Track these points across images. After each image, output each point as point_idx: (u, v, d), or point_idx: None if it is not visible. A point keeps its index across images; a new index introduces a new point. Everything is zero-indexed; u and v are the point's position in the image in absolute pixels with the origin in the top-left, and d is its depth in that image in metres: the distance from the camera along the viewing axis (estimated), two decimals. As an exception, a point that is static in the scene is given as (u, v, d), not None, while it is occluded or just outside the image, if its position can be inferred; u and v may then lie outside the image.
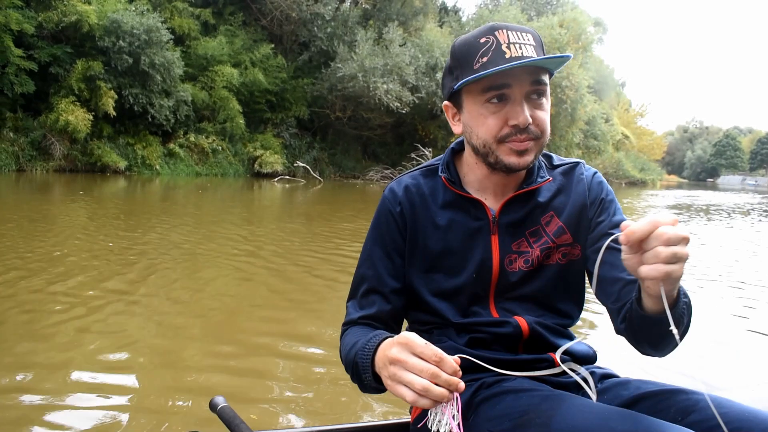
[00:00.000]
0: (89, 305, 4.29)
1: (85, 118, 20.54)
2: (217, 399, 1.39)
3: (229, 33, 27.85)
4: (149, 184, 18.96)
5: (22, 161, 20.28)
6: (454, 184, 1.28)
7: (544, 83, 1.16)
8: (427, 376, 0.89)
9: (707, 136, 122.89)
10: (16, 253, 6.00)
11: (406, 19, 32.45)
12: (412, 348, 0.92)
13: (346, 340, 1.22)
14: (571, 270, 1.28)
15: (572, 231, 1.26)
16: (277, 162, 26.39)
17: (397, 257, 1.29)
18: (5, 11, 18.90)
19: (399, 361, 0.93)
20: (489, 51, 1.13)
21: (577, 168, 1.33)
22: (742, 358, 3.92)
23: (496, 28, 1.15)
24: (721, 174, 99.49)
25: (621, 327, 1.19)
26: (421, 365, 0.90)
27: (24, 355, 3.29)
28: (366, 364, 1.05)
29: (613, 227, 1.24)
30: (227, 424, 1.30)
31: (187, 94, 24.06)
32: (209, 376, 3.13)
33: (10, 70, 19.24)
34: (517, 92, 1.14)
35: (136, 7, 22.93)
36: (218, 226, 9.54)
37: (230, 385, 3.04)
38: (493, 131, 1.17)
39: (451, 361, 0.90)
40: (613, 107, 54.18)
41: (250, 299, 4.99)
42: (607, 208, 1.28)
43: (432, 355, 0.90)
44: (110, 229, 8.22)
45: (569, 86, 31.18)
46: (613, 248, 1.19)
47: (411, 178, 1.33)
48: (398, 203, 1.30)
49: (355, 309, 1.29)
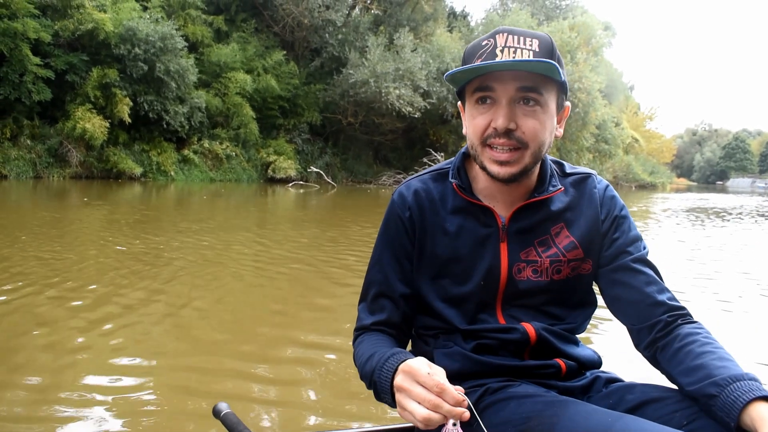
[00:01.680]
0: (108, 308, 4.36)
1: (102, 126, 20.74)
2: (220, 405, 1.37)
3: (241, 40, 28.08)
4: (164, 190, 19.09)
5: (40, 168, 20.46)
6: (464, 191, 1.27)
7: (535, 91, 1.13)
8: (430, 407, 0.90)
9: (716, 138, 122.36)
10: (37, 254, 6.10)
11: (417, 24, 32.58)
12: (415, 377, 0.94)
13: (361, 349, 1.23)
14: (581, 282, 1.28)
15: (584, 247, 1.25)
16: (291, 167, 26.55)
17: (406, 262, 1.29)
18: (23, 20, 19.10)
19: (404, 390, 0.95)
20: (485, 53, 1.13)
21: (590, 180, 1.32)
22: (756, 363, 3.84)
23: (500, 32, 1.14)
24: (730, 177, 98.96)
25: (645, 353, 1.22)
26: (423, 395, 0.91)
27: (37, 354, 3.33)
28: (386, 387, 1.05)
29: (629, 244, 1.25)
30: (231, 430, 1.29)
31: (201, 100, 24.24)
32: (223, 380, 3.16)
33: (27, 78, 19.43)
34: (501, 95, 1.13)
35: (150, 15, 23.19)
36: (241, 230, 9.61)
37: (243, 389, 3.05)
38: (478, 132, 1.18)
39: (453, 392, 0.90)
40: (622, 111, 54.07)
41: (268, 304, 4.99)
42: (621, 225, 1.27)
43: (434, 386, 0.91)
44: (135, 232, 8.31)
45: (581, 89, 31.21)
46: (629, 268, 1.23)
47: (420, 182, 1.32)
48: (407, 208, 1.29)
49: (366, 314, 1.30)
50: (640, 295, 1.20)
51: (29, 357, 3.30)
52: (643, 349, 1.22)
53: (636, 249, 1.25)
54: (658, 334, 1.18)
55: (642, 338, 1.21)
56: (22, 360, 3.25)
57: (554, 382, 1.21)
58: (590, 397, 1.19)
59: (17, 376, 3.01)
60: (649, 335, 1.19)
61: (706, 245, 10.35)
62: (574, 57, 31.87)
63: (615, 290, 1.24)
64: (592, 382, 1.24)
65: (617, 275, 1.24)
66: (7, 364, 3.18)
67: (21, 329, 3.79)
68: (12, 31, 18.74)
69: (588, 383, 1.23)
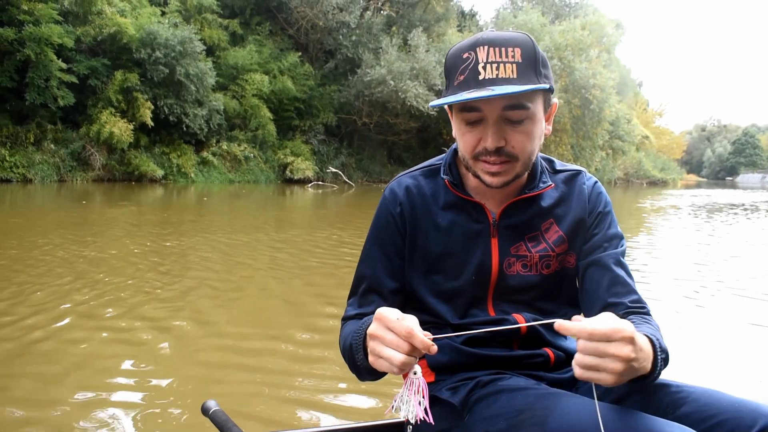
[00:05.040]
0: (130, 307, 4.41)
1: (127, 129, 21.12)
2: (208, 403, 1.37)
3: (257, 42, 28.43)
4: (185, 192, 19.40)
5: (63, 172, 20.81)
6: (456, 187, 1.27)
7: (521, 107, 1.12)
8: (403, 351, 0.92)
9: (725, 134, 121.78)
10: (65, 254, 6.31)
11: (429, 25, 32.82)
12: (386, 323, 0.94)
13: (344, 331, 1.24)
14: (567, 276, 1.30)
15: (570, 240, 1.28)
16: (309, 168, 26.88)
17: (395, 257, 1.29)
18: (48, 26, 19.43)
19: (376, 337, 0.96)
20: (467, 69, 1.11)
21: (579, 177, 1.34)
22: (742, 354, 3.90)
23: (479, 44, 1.11)
24: (740, 172, 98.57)
25: None
26: (394, 341, 0.93)
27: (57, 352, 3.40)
28: (358, 344, 1.08)
29: (607, 241, 1.27)
30: (219, 428, 1.29)
31: (219, 103, 24.60)
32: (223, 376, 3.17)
33: (53, 83, 19.76)
34: (489, 115, 1.13)
35: (168, 20, 23.54)
36: (272, 231, 9.81)
37: (235, 385, 3.06)
38: (469, 149, 1.18)
39: (422, 337, 0.91)
40: (632, 107, 54.04)
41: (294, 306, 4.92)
42: (602, 221, 1.29)
43: (402, 330, 0.92)
44: (172, 230, 8.53)
45: (596, 86, 31.32)
46: (600, 265, 1.25)
47: (412, 179, 1.32)
48: (398, 204, 1.29)
49: (354, 307, 1.30)
50: (605, 293, 1.22)
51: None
52: None
53: (612, 246, 1.27)
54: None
55: None
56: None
57: (543, 374, 1.23)
58: (578, 389, 1.21)
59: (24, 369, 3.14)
60: None
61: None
62: (587, 55, 31.98)
63: (584, 285, 1.27)
64: None
65: (588, 270, 1.26)
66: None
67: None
68: (38, 37, 19.07)
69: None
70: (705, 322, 4.68)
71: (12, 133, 20.09)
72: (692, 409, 1.00)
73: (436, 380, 1.25)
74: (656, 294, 5.46)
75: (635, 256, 7.79)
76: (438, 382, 1.25)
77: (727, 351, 3.96)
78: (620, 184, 48.93)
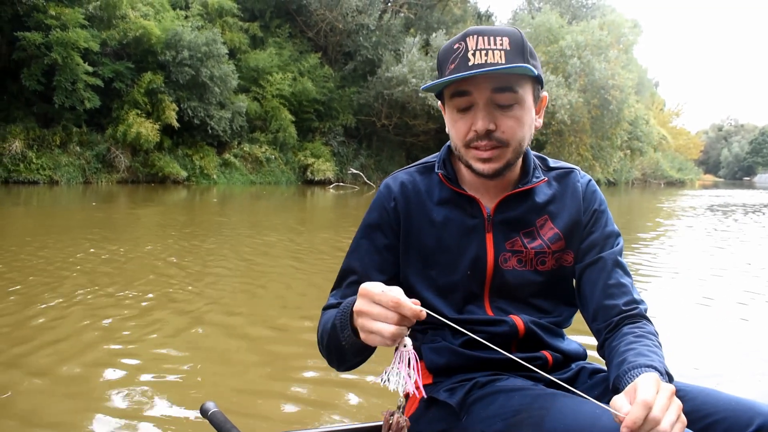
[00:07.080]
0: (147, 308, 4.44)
1: (154, 129, 21.42)
2: (207, 404, 1.36)
3: (276, 45, 28.66)
4: (208, 193, 19.56)
5: (88, 174, 21.11)
6: (450, 182, 1.28)
7: (510, 90, 1.15)
8: (393, 323, 0.90)
9: (743, 133, 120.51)
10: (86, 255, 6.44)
11: (447, 27, 32.86)
12: (371, 297, 0.92)
13: (324, 317, 1.21)
14: (563, 274, 1.30)
15: (567, 238, 1.28)
16: (329, 169, 27.07)
17: (385, 252, 1.28)
18: (74, 30, 19.73)
19: (363, 312, 0.93)
20: (457, 58, 1.14)
21: (573, 175, 1.34)
22: (740, 350, 3.88)
23: (469, 34, 1.14)
24: (757, 172, 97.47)
25: (599, 353, 1.25)
26: (383, 313, 0.91)
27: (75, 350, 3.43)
28: (345, 322, 1.04)
29: (603, 239, 1.28)
30: (218, 429, 1.29)
31: (242, 105, 24.83)
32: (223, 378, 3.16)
33: (79, 86, 20.07)
34: (478, 99, 1.15)
35: (191, 23, 23.81)
36: (306, 233, 9.87)
37: (232, 387, 3.05)
38: (461, 135, 1.20)
39: (410, 304, 0.90)
40: (649, 107, 53.73)
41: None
42: (598, 219, 1.30)
43: (389, 301, 0.90)
44: (205, 228, 8.61)
45: (615, 86, 31.22)
46: (597, 266, 1.26)
47: (407, 175, 1.33)
48: (393, 199, 1.29)
49: (336, 298, 1.27)
50: (601, 295, 1.23)
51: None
52: (598, 348, 1.25)
53: (609, 245, 1.28)
54: (607, 336, 1.21)
55: (598, 337, 1.25)
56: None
57: (540, 375, 1.21)
58: (576, 389, 1.19)
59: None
60: (601, 336, 1.23)
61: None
62: (606, 55, 31.88)
63: (581, 286, 1.28)
64: (578, 374, 1.26)
65: (586, 272, 1.27)
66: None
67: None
68: (64, 41, 19.37)
69: (573, 375, 1.26)
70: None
71: (39, 135, 20.41)
72: (689, 408, 0.99)
73: (434, 382, 1.26)
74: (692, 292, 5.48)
75: (663, 260, 7.78)
76: (435, 384, 1.25)
77: (727, 348, 3.92)
78: (638, 184, 48.56)
